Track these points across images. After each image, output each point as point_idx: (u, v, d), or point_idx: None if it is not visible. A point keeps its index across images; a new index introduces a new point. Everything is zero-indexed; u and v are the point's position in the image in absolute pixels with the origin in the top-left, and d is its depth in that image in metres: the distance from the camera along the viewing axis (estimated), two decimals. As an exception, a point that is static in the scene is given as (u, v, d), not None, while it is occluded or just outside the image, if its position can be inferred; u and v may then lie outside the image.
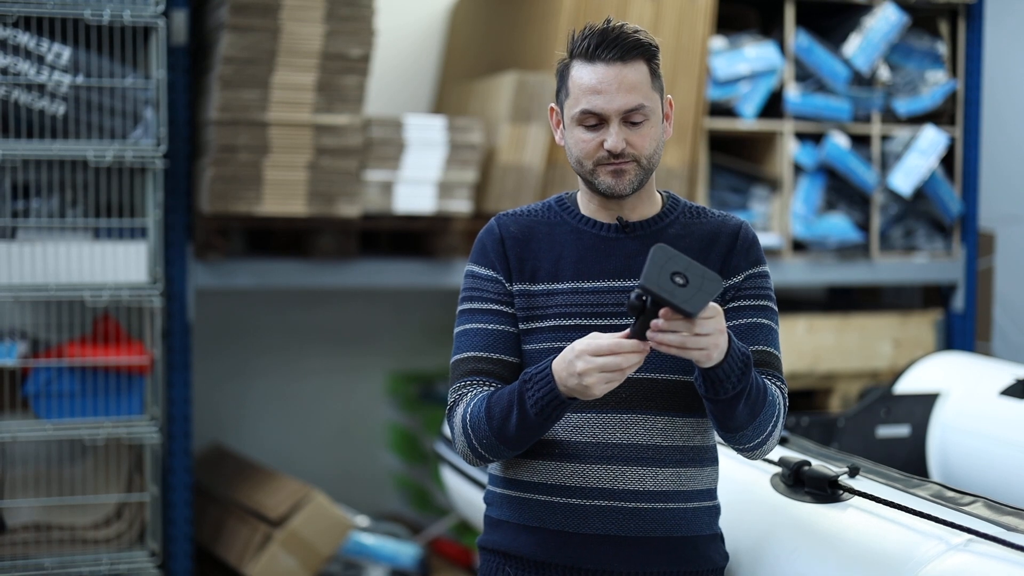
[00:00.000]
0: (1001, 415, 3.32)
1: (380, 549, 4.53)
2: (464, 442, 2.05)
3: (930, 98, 5.06)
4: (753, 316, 2.08)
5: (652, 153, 2.05)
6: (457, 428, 2.06)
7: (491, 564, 2.16)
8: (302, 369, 5.34)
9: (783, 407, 2.04)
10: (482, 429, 2.00)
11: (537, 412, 1.93)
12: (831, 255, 4.94)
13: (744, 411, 1.93)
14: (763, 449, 2.03)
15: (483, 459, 2.05)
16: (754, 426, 1.96)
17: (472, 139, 4.36)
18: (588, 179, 2.07)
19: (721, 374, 1.86)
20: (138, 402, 3.87)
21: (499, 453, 2.03)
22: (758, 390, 1.94)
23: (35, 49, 3.73)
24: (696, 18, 4.62)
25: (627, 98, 2.00)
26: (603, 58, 2.01)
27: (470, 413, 2.02)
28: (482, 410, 2.00)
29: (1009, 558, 1.92)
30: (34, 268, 3.77)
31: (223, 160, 4.04)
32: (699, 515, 2.11)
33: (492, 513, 2.18)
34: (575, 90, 2.04)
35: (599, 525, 2.05)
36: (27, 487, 3.92)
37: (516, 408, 1.95)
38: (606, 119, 2.01)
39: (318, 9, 4.08)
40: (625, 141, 2.01)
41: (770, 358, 2.07)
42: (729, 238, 2.11)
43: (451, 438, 2.15)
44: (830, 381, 4.87)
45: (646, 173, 2.06)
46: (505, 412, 1.97)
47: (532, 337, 2.08)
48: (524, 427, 1.96)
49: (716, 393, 1.89)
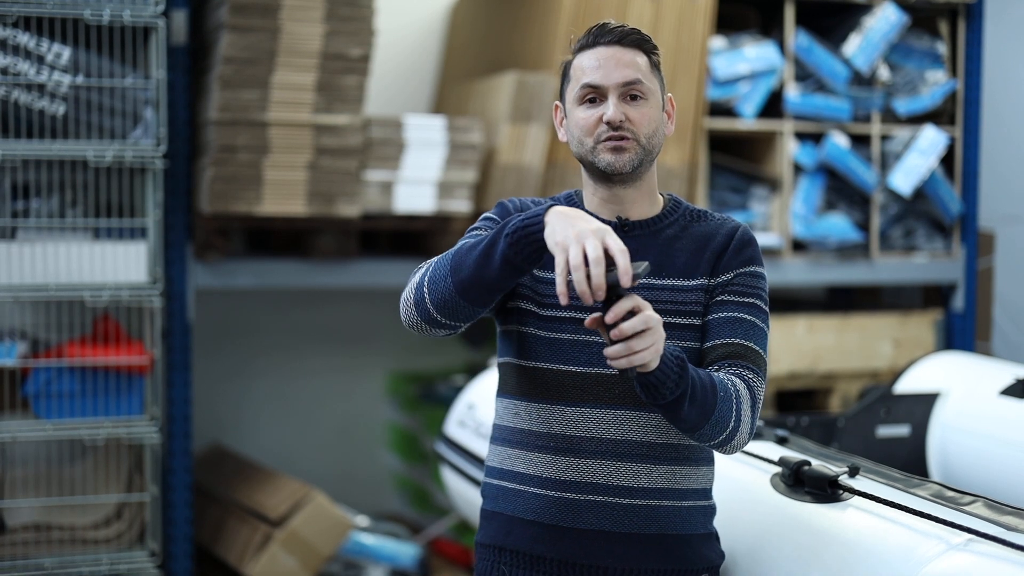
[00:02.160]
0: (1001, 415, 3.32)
1: (380, 549, 4.54)
2: (413, 281, 2.03)
3: (930, 98, 5.06)
4: (735, 311, 2.06)
5: (652, 134, 2.07)
6: (417, 273, 2.04)
7: (487, 562, 2.16)
8: (302, 369, 5.34)
9: (750, 399, 2.00)
10: (442, 261, 1.98)
11: (512, 242, 1.87)
12: (831, 255, 4.94)
13: (692, 412, 1.90)
14: (733, 443, 2.00)
15: (420, 301, 2.00)
16: (711, 423, 1.93)
17: (472, 139, 4.36)
18: (589, 159, 2.09)
19: (657, 378, 1.84)
20: (138, 402, 3.87)
21: (440, 288, 1.96)
22: (704, 388, 1.91)
23: (35, 49, 3.73)
24: (696, 18, 4.63)
25: (624, 72, 2.05)
26: (603, 42, 2.08)
27: (438, 257, 2.01)
28: (452, 249, 1.99)
29: (1009, 558, 1.92)
30: (34, 268, 3.77)
31: (223, 160, 4.04)
32: (693, 514, 2.11)
33: (487, 506, 2.19)
34: (576, 73, 2.10)
35: (593, 520, 2.05)
36: (27, 487, 3.92)
37: (490, 239, 1.91)
38: (604, 93, 2.05)
39: (318, 9, 4.08)
40: (624, 115, 2.04)
41: (745, 351, 2.04)
42: (724, 238, 2.11)
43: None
44: (830, 381, 4.87)
45: (646, 154, 2.07)
46: (475, 244, 1.94)
47: (526, 319, 2.09)
48: (486, 256, 1.90)
49: (658, 398, 1.87)
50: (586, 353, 2.05)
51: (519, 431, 2.11)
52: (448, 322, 2.00)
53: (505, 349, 2.16)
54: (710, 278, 2.09)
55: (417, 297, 2.01)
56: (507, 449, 2.13)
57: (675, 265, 2.08)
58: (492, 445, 2.20)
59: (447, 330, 2.03)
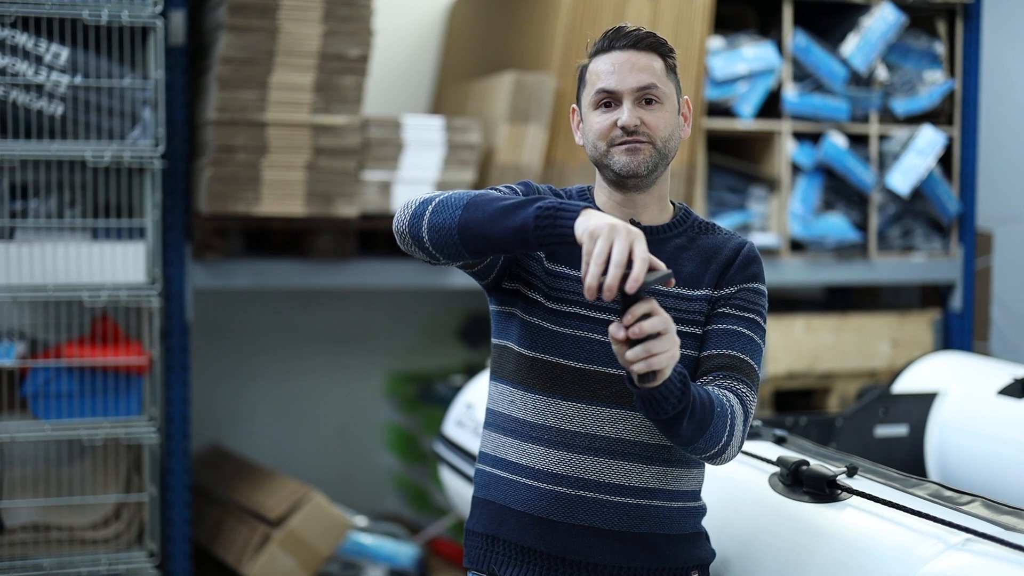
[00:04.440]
0: (999, 415, 3.32)
1: (379, 549, 4.54)
2: (424, 196, 1.99)
3: (928, 98, 5.07)
4: (734, 324, 2.08)
5: (668, 137, 2.08)
6: (433, 193, 2.01)
7: (477, 551, 2.17)
8: (301, 369, 5.34)
9: (742, 414, 2.01)
10: (463, 194, 1.94)
11: (540, 215, 1.83)
12: (829, 255, 4.94)
13: (689, 427, 1.91)
14: (723, 457, 2.01)
15: (418, 215, 1.96)
16: (705, 438, 1.94)
17: (470, 139, 4.36)
18: (604, 163, 2.10)
19: (660, 394, 1.84)
20: (136, 402, 3.87)
21: (445, 216, 1.93)
22: (703, 405, 1.92)
23: (33, 49, 3.73)
24: (694, 18, 4.63)
25: (639, 76, 2.06)
26: (618, 46, 2.08)
27: (462, 191, 1.98)
28: (477, 192, 1.95)
29: (1007, 557, 1.93)
30: (32, 268, 3.77)
31: (221, 160, 4.04)
32: (683, 515, 2.12)
33: (479, 493, 2.19)
34: (591, 78, 2.10)
35: (583, 516, 2.06)
36: (26, 487, 3.92)
37: (521, 201, 1.87)
38: (619, 98, 2.06)
39: (316, 9, 4.08)
40: (639, 119, 2.05)
41: (740, 364, 2.06)
42: (731, 252, 2.13)
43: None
44: (828, 381, 4.87)
45: (661, 158, 2.08)
46: (503, 197, 1.91)
47: (531, 308, 2.09)
48: (507, 214, 1.86)
49: (659, 413, 1.87)
50: (588, 350, 2.06)
51: (514, 420, 2.12)
52: (431, 247, 1.97)
53: (504, 332, 2.16)
54: (714, 290, 2.10)
55: (418, 210, 1.98)
56: (501, 437, 2.14)
57: (681, 275, 2.09)
58: (486, 430, 2.20)
59: (425, 254, 2.00)
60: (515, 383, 2.12)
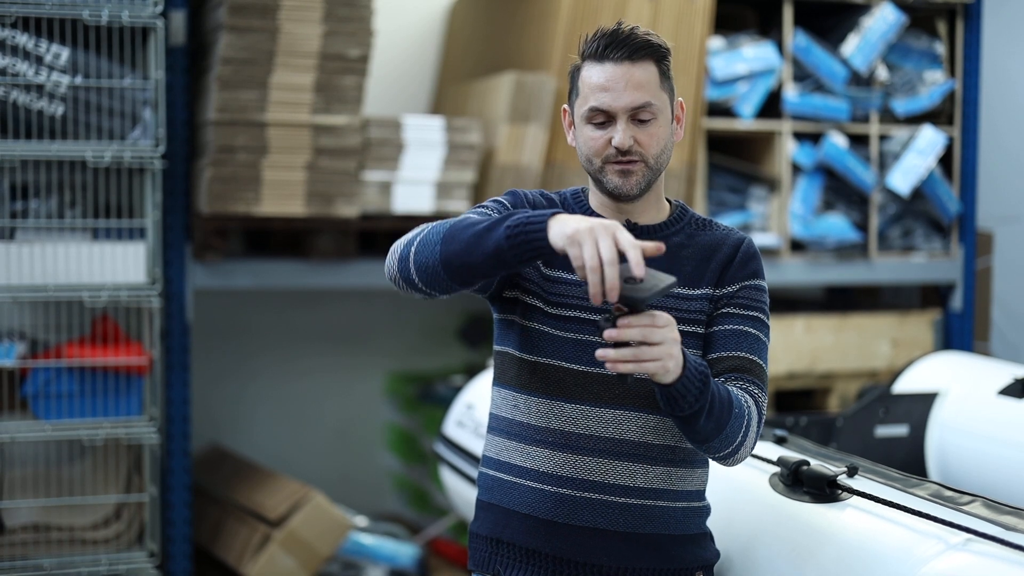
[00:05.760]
0: (999, 415, 3.32)
1: (379, 549, 4.54)
2: (409, 236, 2.00)
3: (928, 98, 5.07)
4: (740, 324, 2.08)
5: (660, 153, 2.07)
6: (415, 230, 2.01)
7: (482, 554, 2.17)
8: (301, 369, 5.34)
9: (757, 416, 2.02)
10: (439, 227, 1.95)
11: (510, 234, 1.83)
12: (829, 255, 4.94)
13: (708, 425, 1.92)
14: (735, 458, 2.02)
15: (405, 257, 1.98)
16: (721, 438, 1.95)
17: (470, 139, 4.36)
18: (597, 177, 2.10)
19: (678, 391, 1.85)
20: (137, 403, 3.87)
21: (427, 252, 1.93)
22: (722, 404, 1.92)
23: (33, 49, 3.73)
24: (694, 18, 4.63)
25: (634, 95, 2.03)
26: (612, 57, 2.04)
27: (440, 222, 1.98)
28: (453, 219, 1.95)
29: (1008, 557, 1.93)
30: (33, 269, 3.77)
31: (222, 161, 4.04)
32: (688, 515, 2.12)
33: (483, 496, 2.19)
34: (584, 89, 2.07)
35: (588, 518, 2.06)
36: (26, 488, 3.92)
37: (490, 224, 1.87)
38: (614, 116, 2.04)
39: (316, 10, 4.08)
40: (633, 139, 2.03)
41: (751, 365, 2.06)
42: (730, 249, 2.12)
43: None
44: (828, 381, 4.87)
45: (653, 174, 2.08)
46: (475, 222, 1.90)
47: (531, 314, 2.09)
48: (480, 239, 1.86)
49: (676, 410, 1.88)
50: (589, 353, 2.05)
51: (518, 424, 2.12)
52: (424, 288, 1.98)
53: (504, 338, 2.16)
54: (715, 288, 2.10)
55: (403, 253, 2.00)
56: (505, 441, 2.14)
57: (681, 274, 2.09)
58: (490, 435, 2.20)
59: (422, 294, 2.01)
60: (517, 387, 2.12)
